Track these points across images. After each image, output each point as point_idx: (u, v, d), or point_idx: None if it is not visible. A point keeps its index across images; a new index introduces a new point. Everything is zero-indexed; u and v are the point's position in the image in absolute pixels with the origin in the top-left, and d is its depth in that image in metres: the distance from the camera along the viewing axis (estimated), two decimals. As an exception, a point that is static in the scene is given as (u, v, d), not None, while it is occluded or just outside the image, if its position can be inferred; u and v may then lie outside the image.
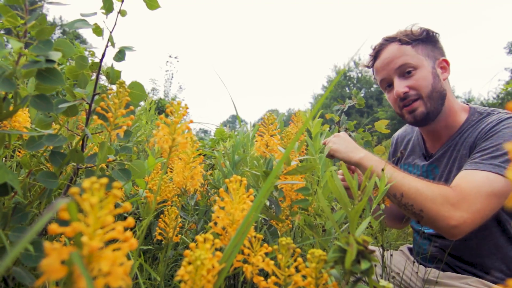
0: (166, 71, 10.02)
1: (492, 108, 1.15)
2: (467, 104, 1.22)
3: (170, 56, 10.12)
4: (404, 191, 0.95)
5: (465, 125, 1.15)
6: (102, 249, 0.30)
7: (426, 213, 0.93)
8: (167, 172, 1.02)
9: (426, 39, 1.18)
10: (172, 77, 10.03)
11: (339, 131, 1.74)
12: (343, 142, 1.09)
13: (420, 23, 1.19)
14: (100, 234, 0.30)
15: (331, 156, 1.10)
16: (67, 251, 0.27)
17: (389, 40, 1.19)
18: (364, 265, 0.44)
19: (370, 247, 0.51)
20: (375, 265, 0.91)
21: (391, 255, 1.15)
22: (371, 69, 1.29)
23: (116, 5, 0.70)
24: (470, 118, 1.15)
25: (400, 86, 1.15)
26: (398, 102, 1.18)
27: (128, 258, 0.43)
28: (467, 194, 0.92)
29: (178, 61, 10.41)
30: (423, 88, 1.13)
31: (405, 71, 1.15)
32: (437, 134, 1.22)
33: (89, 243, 0.28)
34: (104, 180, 0.30)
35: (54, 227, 0.28)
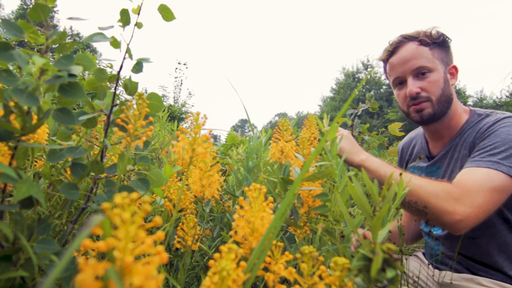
0: (176, 77, 10.12)
1: (491, 110, 1.21)
2: (468, 107, 1.27)
3: (179, 63, 10.22)
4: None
5: (465, 126, 1.21)
6: (134, 263, 0.30)
7: (430, 209, 0.94)
8: (182, 180, 1.02)
9: (442, 44, 1.21)
10: (182, 83, 10.13)
11: (352, 135, 1.73)
12: (347, 143, 1.12)
13: (438, 27, 1.22)
14: (132, 249, 0.30)
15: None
16: (102, 267, 0.28)
17: (408, 38, 1.22)
18: (389, 273, 0.43)
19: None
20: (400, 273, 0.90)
21: (406, 259, 1.16)
22: (385, 63, 1.32)
23: (133, 18, 0.72)
24: (469, 120, 1.21)
25: (413, 86, 1.20)
26: (408, 101, 1.23)
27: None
28: (469, 189, 0.95)
29: (187, 68, 10.49)
30: (434, 92, 1.18)
31: (420, 73, 1.19)
32: (439, 135, 1.28)
33: (123, 258, 0.29)
34: (135, 196, 0.30)
35: (87, 243, 0.28)
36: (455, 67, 1.24)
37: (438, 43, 1.20)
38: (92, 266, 0.28)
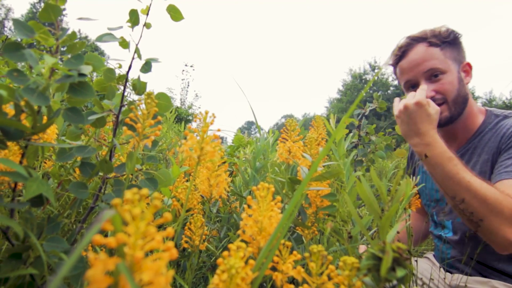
0: (182, 79, 10.17)
1: (509, 111, 1.16)
2: (484, 107, 1.22)
3: (186, 65, 10.27)
4: (466, 198, 0.90)
5: (483, 128, 1.16)
6: (144, 259, 0.30)
7: (486, 224, 0.89)
8: (189, 180, 1.03)
9: (453, 42, 1.17)
10: (188, 85, 10.18)
11: (359, 135, 1.72)
12: (406, 120, 1.05)
13: (446, 25, 1.18)
14: (142, 244, 0.30)
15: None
16: (112, 262, 0.28)
17: (417, 40, 1.17)
18: (399, 272, 0.43)
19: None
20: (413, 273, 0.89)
21: (416, 261, 1.14)
22: (394, 67, 1.27)
23: (141, 18, 0.72)
24: (487, 121, 1.16)
25: (427, 90, 1.13)
26: None
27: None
28: None
29: (194, 70, 10.53)
30: (449, 93, 1.13)
31: (433, 75, 1.14)
32: (454, 136, 1.23)
33: (133, 253, 0.29)
34: (145, 191, 0.30)
35: (98, 238, 0.29)
36: (469, 64, 1.18)
37: (449, 41, 1.15)
38: (102, 261, 0.28)
